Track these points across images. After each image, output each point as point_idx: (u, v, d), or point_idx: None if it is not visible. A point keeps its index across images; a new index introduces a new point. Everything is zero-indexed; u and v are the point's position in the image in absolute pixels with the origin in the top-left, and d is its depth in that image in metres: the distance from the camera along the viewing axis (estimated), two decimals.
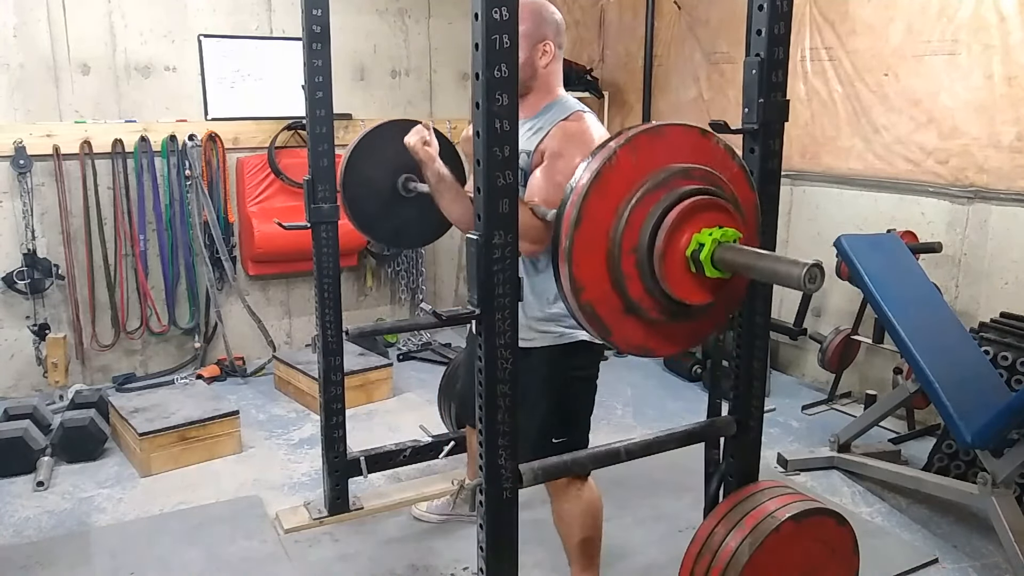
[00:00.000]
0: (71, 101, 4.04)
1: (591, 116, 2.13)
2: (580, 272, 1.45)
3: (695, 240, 1.45)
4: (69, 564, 2.70)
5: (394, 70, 4.91)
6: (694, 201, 1.46)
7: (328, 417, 2.91)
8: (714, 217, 1.47)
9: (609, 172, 1.45)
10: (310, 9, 2.57)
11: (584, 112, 2.13)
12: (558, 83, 2.20)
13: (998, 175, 3.50)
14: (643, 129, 1.48)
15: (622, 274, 1.47)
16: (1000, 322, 3.28)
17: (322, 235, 2.77)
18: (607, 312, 1.50)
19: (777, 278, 1.39)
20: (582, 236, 1.44)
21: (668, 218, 1.46)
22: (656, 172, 1.48)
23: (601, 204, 1.45)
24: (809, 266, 1.33)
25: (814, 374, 4.40)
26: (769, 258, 1.42)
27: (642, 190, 1.47)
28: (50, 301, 4.10)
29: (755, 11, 1.77)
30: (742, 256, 1.43)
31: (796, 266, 1.35)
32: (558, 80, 2.20)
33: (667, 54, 5.16)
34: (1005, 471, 2.69)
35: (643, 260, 1.47)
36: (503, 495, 1.64)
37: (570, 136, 2.04)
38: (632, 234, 1.46)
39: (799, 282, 1.33)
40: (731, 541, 1.78)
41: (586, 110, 2.14)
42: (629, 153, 1.46)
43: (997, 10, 3.42)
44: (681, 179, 1.49)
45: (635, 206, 1.46)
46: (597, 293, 1.48)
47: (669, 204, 1.46)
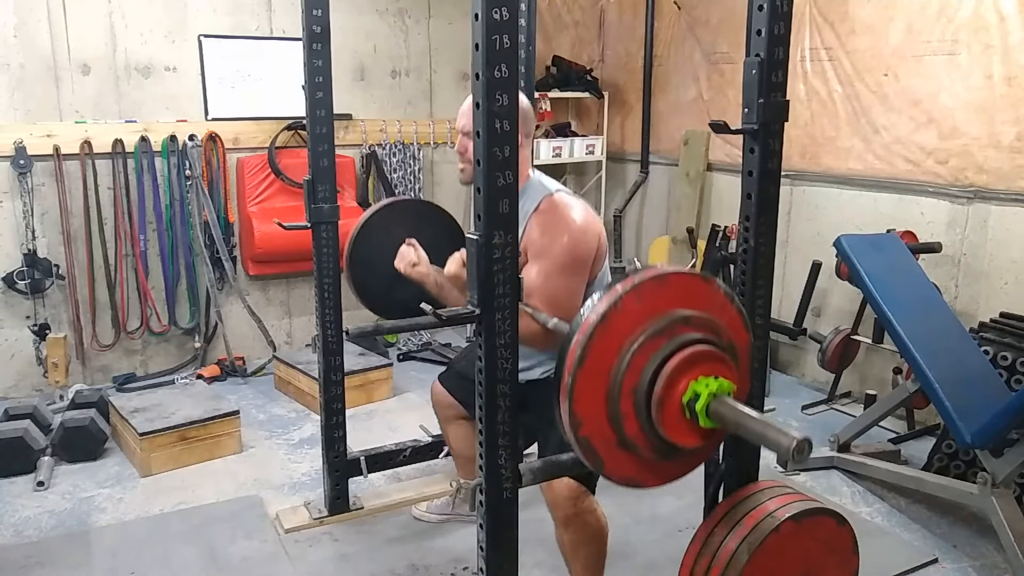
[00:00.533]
0: (71, 101, 4.04)
1: (560, 195, 2.19)
2: (580, 408, 1.50)
3: (692, 389, 1.51)
4: (69, 564, 2.70)
5: (394, 70, 4.91)
6: (693, 351, 1.52)
7: (328, 417, 2.91)
8: (711, 367, 1.53)
9: (614, 315, 1.50)
10: (310, 9, 2.57)
11: (553, 194, 2.18)
12: (528, 166, 2.27)
13: (998, 175, 3.50)
14: (649, 276, 1.54)
15: (620, 413, 1.52)
16: (1000, 322, 3.28)
17: (322, 235, 2.78)
18: (602, 445, 1.55)
19: (765, 443, 1.44)
20: (584, 374, 1.49)
21: (668, 365, 1.51)
22: (659, 318, 1.54)
23: (605, 345, 1.50)
24: (798, 440, 1.36)
25: (814, 374, 4.40)
26: (759, 423, 1.45)
27: (645, 335, 1.52)
28: (50, 301, 4.10)
29: (755, 11, 1.77)
30: (734, 414, 1.48)
31: (785, 437, 1.38)
32: (527, 164, 2.27)
33: (667, 54, 5.17)
34: (1005, 471, 2.70)
35: (641, 402, 1.53)
36: (503, 495, 1.64)
37: (547, 227, 2.12)
38: (633, 377, 1.52)
39: (787, 454, 1.37)
40: (731, 541, 1.78)
41: (554, 190, 2.19)
42: (634, 298, 1.51)
43: (997, 10, 3.42)
44: (682, 326, 1.55)
45: (637, 350, 1.51)
46: (594, 428, 1.53)
47: (670, 352, 1.52)
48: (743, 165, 1.87)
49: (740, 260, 1.94)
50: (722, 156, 4.86)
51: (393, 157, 4.89)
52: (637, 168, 5.51)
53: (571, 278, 2.13)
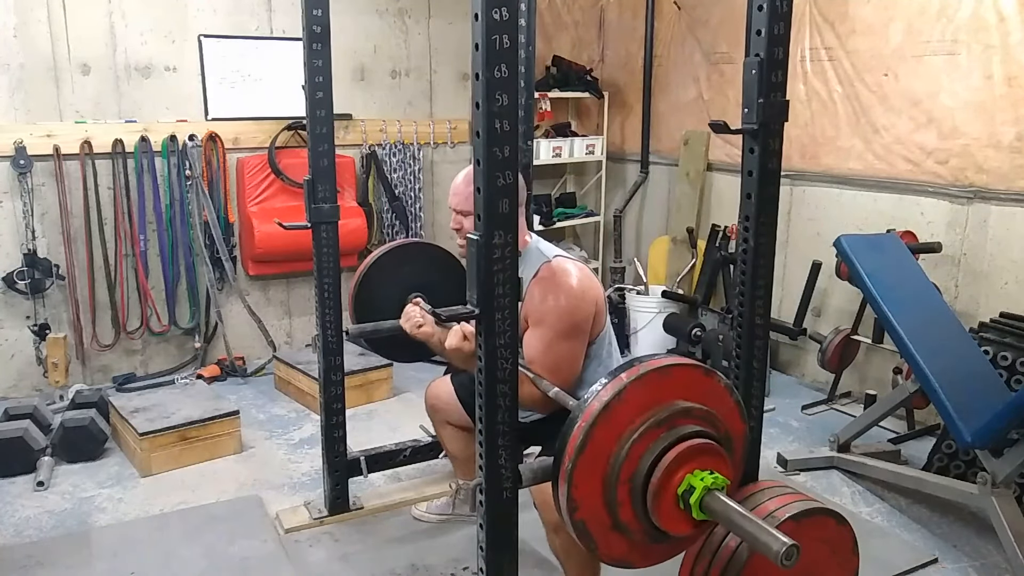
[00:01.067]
0: (71, 101, 4.04)
1: (557, 261, 2.23)
2: (577, 493, 1.54)
3: (687, 481, 1.55)
4: (69, 564, 2.70)
5: (394, 70, 4.91)
6: (690, 444, 1.56)
7: (328, 417, 2.91)
8: (707, 460, 1.57)
9: (617, 404, 1.54)
10: (310, 9, 2.57)
11: (550, 261, 2.23)
12: (524, 233, 2.31)
13: (998, 175, 3.50)
14: (653, 367, 1.58)
15: (616, 499, 1.56)
16: (1000, 322, 3.28)
17: (322, 235, 2.78)
18: (596, 528, 1.59)
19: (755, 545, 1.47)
20: (584, 460, 1.53)
21: (665, 457, 1.55)
22: (660, 408, 1.58)
23: (606, 433, 1.54)
24: (787, 546, 1.40)
25: (814, 374, 4.40)
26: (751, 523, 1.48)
27: (645, 426, 1.56)
28: (50, 301, 4.10)
29: (755, 11, 1.77)
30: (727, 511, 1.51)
31: (775, 542, 1.42)
32: (523, 231, 2.30)
33: (667, 54, 5.17)
34: (1005, 471, 2.70)
35: (637, 490, 1.57)
36: (503, 495, 1.64)
37: (546, 293, 2.17)
38: (631, 466, 1.56)
39: (776, 558, 1.40)
40: (731, 541, 1.78)
41: (551, 256, 2.25)
42: (637, 388, 1.56)
43: (997, 10, 3.42)
44: (682, 418, 1.59)
45: (637, 440, 1.55)
46: (590, 512, 1.57)
47: (668, 444, 1.56)
48: (743, 165, 1.87)
49: (740, 260, 1.94)
50: (722, 156, 4.86)
51: (393, 157, 4.89)
52: (637, 168, 5.51)
53: (571, 343, 2.19)
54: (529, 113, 3.12)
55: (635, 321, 4.80)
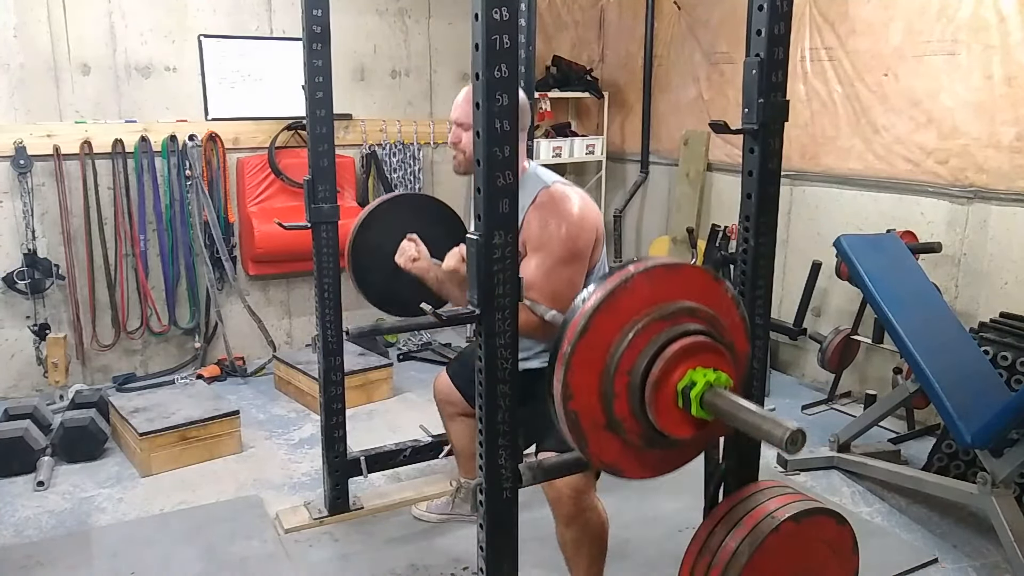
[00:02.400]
0: (71, 101, 4.04)
1: (556, 187, 2.19)
2: (574, 379, 1.49)
3: (688, 376, 1.50)
4: (69, 564, 2.70)
5: (394, 70, 4.91)
6: (696, 340, 1.51)
7: (328, 417, 2.91)
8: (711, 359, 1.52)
9: (622, 293, 1.49)
10: (310, 9, 2.57)
11: (549, 187, 2.19)
12: (523, 159, 2.28)
13: (998, 175, 3.50)
14: (662, 263, 1.54)
15: (612, 391, 1.51)
16: (1000, 322, 3.28)
17: (322, 235, 2.78)
18: (588, 424, 1.54)
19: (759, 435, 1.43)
20: (583, 346, 1.48)
21: (668, 350, 1.50)
22: (666, 304, 1.53)
23: (608, 321, 1.50)
24: (792, 431, 1.35)
25: (814, 374, 4.40)
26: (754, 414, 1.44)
27: (649, 317, 1.51)
28: (50, 301, 4.10)
29: (755, 11, 1.77)
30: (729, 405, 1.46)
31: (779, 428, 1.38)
32: (523, 156, 2.27)
33: (667, 54, 5.17)
34: (1005, 471, 2.70)
35: (635, 384, 1.52)
36: (503, 495, 1.64)
37: (545, 219, 2.13)
38: (631, 357, 1.51)
39: (780, 444, 1.36)
40: (731, 541, 1.78)
41: (550, 182, 2.21)
42: (644, 280, 1.51)
43: (997, 10, 3.42)
44: (687, 316, 1.54)
45: (640, 331, 1.50)
46: (584, 404, 1.52)
47: (672, 336, 1.51)
48: (743, 165, 1.87)
49: (740, 260, 1.94)
50: (722, 156, 4.86)
51: (393, 157, 4.89)
52: (637, 168, 5.51)
53: (570, 269, 2.13)
54: None
55: None
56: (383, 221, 2.79)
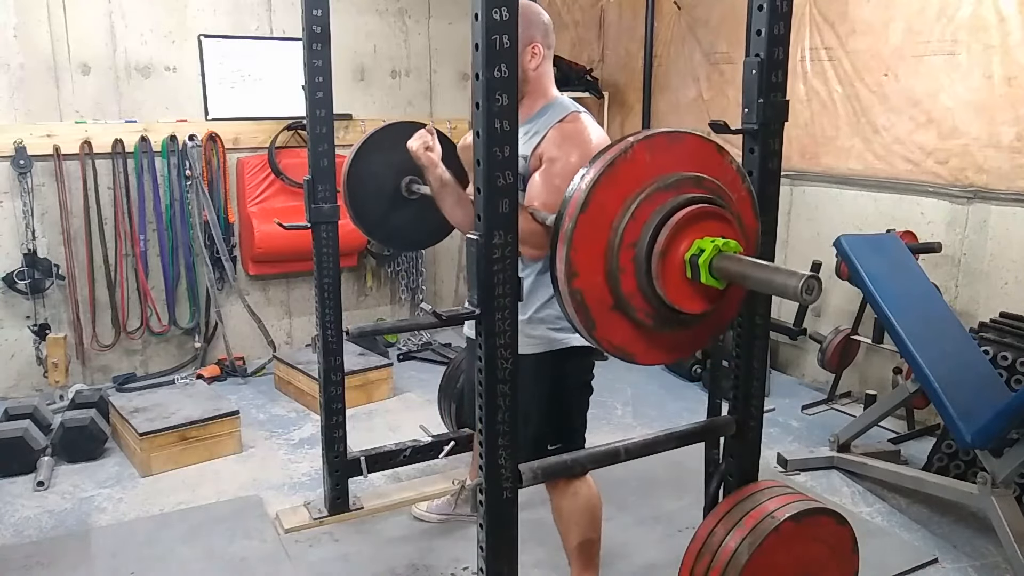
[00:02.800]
0: (71, 101, 4.04)
1: (587, 116, 2.12)
2: (577, 256, 1.44)
3: (696, 245, 1.45)
4: (69, 564, 2.70)
5: (394, 70, 4.91)
6: (702, 207, 1.46)
7: (328, 417, 2.91)
8: (718, 227, 1.47)
9: (623, 163, 1.44)
10: (310, 9, 2.57)
11: (580, 112, 2.12)
12: (551, 84, 2.19)
13: (998, 175, 3.50)
14: (664, 131, 1.49)
15: (618, 267, 1.46)
16: (1000, 322, 3.28)
17: (322, 235, 2.78)
18: (595, 304, 1.48)
19: (773, 288, 1.39)
20: (585, 221, 1.44)
21: (673, 218, 1.45)
22: (669, 174, 1.48)
23: (610, 194, 1.45)
24: (806, 277, 1.32)
25: (814, 374, 4.40)
26: (766, 268, 1.41)
27: (652, 187, 1.46)
28: (50, 301, 4.10)
29: (755, 11, 1.77)
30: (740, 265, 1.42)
31: (793, 277, 1.35)
32: (550, 81, 2.19)
33: (667, 54, 5.17)
34: (1005, 471, 2.69)
35: (641, 256, 1.46)
36: (503, 495, 1.64)
37: (567, 138, 2.04)
38: (635, 228, 1.46)
39: (796, 293, 1.33)
40: (731, 541, 1.78)
41: (582, 110, 2.13)
42: (645, 149, 1.46)
43: (997, 10, 3.42)
44: (692, 186, 1.49)
45: (643, 201, 1.45)
46: (589, 282, 1.47)
47: (677, 205, 1.46)
48: (743, 165, 1.87)
49: None
50: None
51: None
52: None
53: None
54: None
55: None
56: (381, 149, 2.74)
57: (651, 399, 4.19)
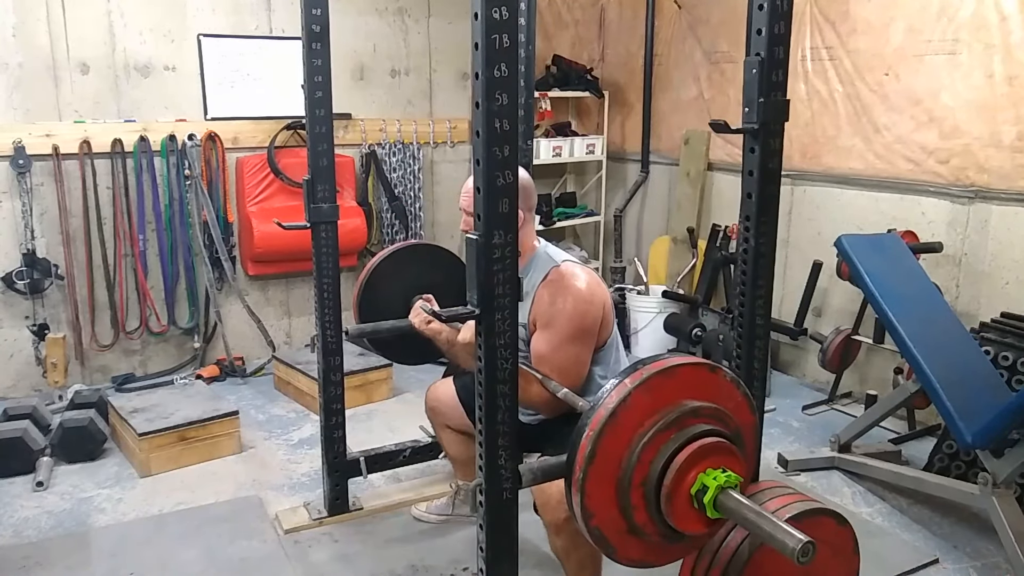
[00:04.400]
0: (70, 101, 4.03)
1: (566, 266, 2.24)
2: (591, 502, 1.55)
3: (700, 481, 1.55)
4: (68, 564, 2.70)
5: (394, 70, 4.90)
6: (701, 444, 1.56)
7: (328, 417, 2.91)
8: (719, 458, 1.57)
9: (623, 411, 1.53)
10: (310, 9, 2.56)
11: (559, 265, 2.23)
12: (532, 239, 2.34)
13: (999, 175, 3.49)
14: (657, 370, 1.57)
15: (630, 504, 1.57)
16: (1001, 322, 3.28)
17: (322, 235, 2.77)
18: (613, 534, 1.59)
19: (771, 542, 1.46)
20: (595, 469, 1.53)
21: (676, 460, 1.55)
22: (667, 410, 1.57)
23: (615, 440, 1.54)
24: (804, 543, 1.39)
25: (814, 374, 4.40)
26: (766, 521, 1.48)
27: (653, 430, 1.55)
28: (49, 301, 4.10)
29: (755, 10, 1.76)
30: (741, 509, 1.51)
31: (791, 539, 1.41)
32: (531, 236, 2.34)
33: (667, 53, 5.16)
34: (1005, 471, 2.69)
35: (650, 494, 1.57)
36: (503, 495, 1.64)
37: (554, 296, 2.17)
38: (642, 470, 1.56)
39: (792, 556, 1.40)
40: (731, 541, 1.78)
41: (560, 261, 2.25)
42: (643, 393, 1.55)
43: (998, 9, 3.42)
44: (690, 418, 1.59)
45: (646, 444, 1.55)
46: (605, 519, 1.57)
47: (678, 445, 1.56)
48: (743, 165, 1.86)
49: (740, 260, 1.94)
50: (723, 156, 4.85)
51: (393, 157, 4.89)
52: (637, 168, 5.50)
53: (578, 346, 2.19)
54: (529, 113, 3.12)
55: (635, 321, 4.80)
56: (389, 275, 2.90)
57: None
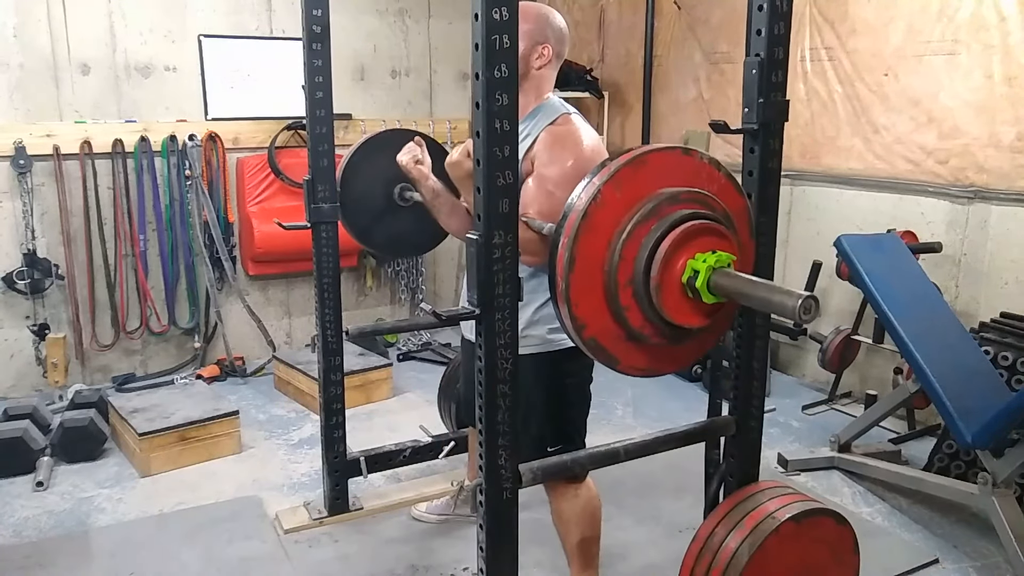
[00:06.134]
0: (71, 101, 4.04)
1: (577, 117, 2.13)
2: (580, 311, 1.48)
3: (689, 267, 1.47)
4: (68, 564, 2.70)
5: (394, 70, 4.91)
6: (684, 229, 1.48)
7: (328, 417, 2.91)
8: (706, 241, 1.49)
9: (596, 210, 1.47)
10: (310, 9, 2.57)
11: (571, 114, 2.13)
12: (549, 87, 2.22)
13: (998, 175, 3.50)
14: (625, 161, 1.49)
15: (621, 307, 1.49)
16: (1000, 322, 3.28)
17: (322, 235, 2.77)
18: (611, 343, 1.53)
19: (771, 307, 1.41)
20: (577, 276, 1.46)
21: (660, 248, 1.47)
22: (643, 202, 1.49)
23: (592, 242, 1.47)
24: (804, 297, 1.34)
25: (814, 374, 4.40)
26: (764, 287, 1.43)
27: (631, 223, 1.48)
28: (50, 301, 4.10)
29: (755, 11, 1.77)
30: (736, 283, 1.45)
31: (791, 297, 1.36)
32: (549, 84, 2.22)
33: (667, 54, 5.16)
34: (1005, 471, 2.69)
35: (640, 291, 1.49)
36: (503, 495, 1.64)
37: (558, 141, 2.04)
38: (627, 268, 1.48)
39: (793, 313, 1.35)
40: (731, 541, 1.78)
41: (572, 111, 2.14)
42: (613, 188, 1.48)
43: (997, 10, 3.42)
44: (669, 205, 1.51)
45: (626, 240, 1.47)
46: (599, 328, 1.50)
47: (660, 234, 1.48)
48: (743, 165, 1.86)
49: None
50: (722, 156, 4.80)
51: None
52: None
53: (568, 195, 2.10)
54: None
55: None
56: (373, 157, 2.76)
57: (651, 399, 4.19)
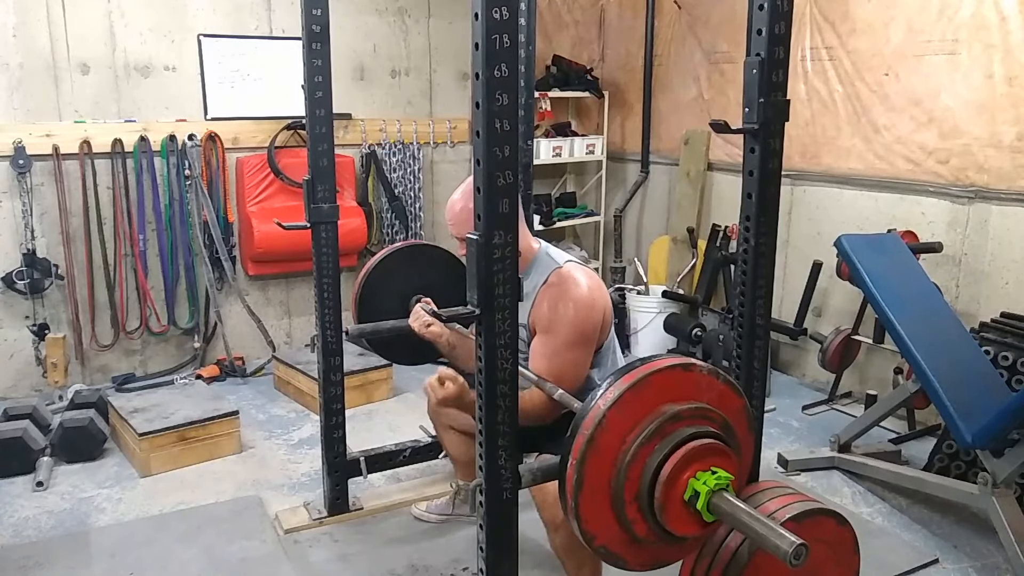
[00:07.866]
0: (71, 101, 4.03)
1: (568, 267, 2.22)
2: (589, 526, 1.56)
3: (691, 487, 1.55)
4: (68, 564, 2.70)
5: (394, 70, 4.90)
6: (687, 451, 1.55)
7: (328, 417, 2.91)
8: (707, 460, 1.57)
9: (602, 434, 1.53)
10: (310, 9, 2.56)
11: (561, 267, 2.22)
12: (529, 239, 2.32)
13: (999, 175, 3.49)
14: (627, 386, 1.54)
15: (627, 519, 1.57)
16: (1000, 322, 3.28)
17: (322, 235, 2.77)
18: (620, 548, 1.61)
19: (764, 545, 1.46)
20: (586, 496, 1.54)
21: (663, 471, 1.54)
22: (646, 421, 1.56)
23: (599, 464, 1.54)
24: (796, 545, 1.39)
25: (814, 374, 4.40)
26: (759, 523, 1.48)
27: (635, 444, 1.55)
28: (49, 301, 4.10)
29: (755, 11, 1.76)
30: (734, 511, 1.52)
31: (784, 541, 1.41)
32: (528, 238, 2.31)
33: (667, 53, 5.16)
34: (1005, 471, 2.69)
35: (645, 507, 1.58)
36: (503, 495, 1.63)
37: (555, 302, 2.16)
38: (632, 486, 1.56)
39: (784, 558, 1.40)
40: (731, 542, 1.78)
41: (561, 263, 2.24)
42: (617, 412, 1.54)
43: (997, 10, 3.42)
44: (671, 424, 1.57)
45: (631, 461, 1.55)
46: (608, 538, 1.59)
47: (664, 455, 1.55)
48: (744, 165, 1.86)
49: (740, 260, 1.94)
50: (722, 156, 4.85)
51: (393, 157, 4.89)
52: (637, 168, 5.50)
53: (577, 351, 2.18)
54: (529, 113, 3.12)
55: (635, 321, 4.80)
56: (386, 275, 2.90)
57: None
